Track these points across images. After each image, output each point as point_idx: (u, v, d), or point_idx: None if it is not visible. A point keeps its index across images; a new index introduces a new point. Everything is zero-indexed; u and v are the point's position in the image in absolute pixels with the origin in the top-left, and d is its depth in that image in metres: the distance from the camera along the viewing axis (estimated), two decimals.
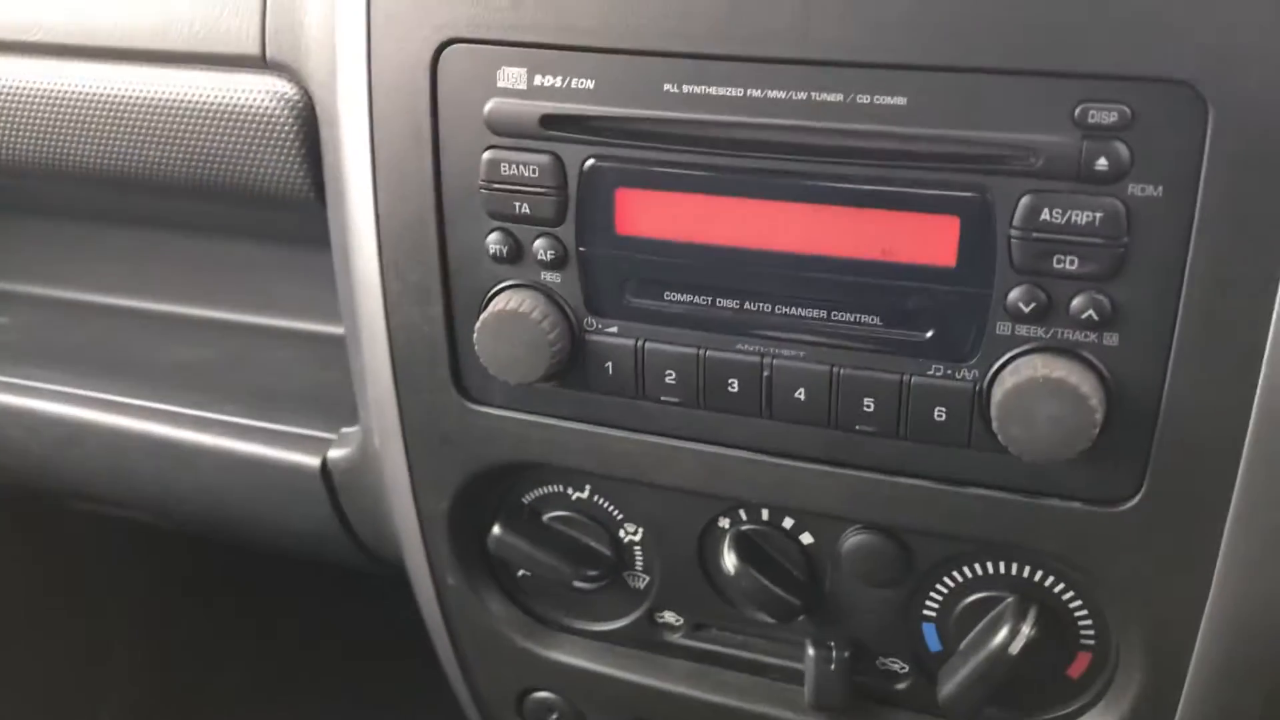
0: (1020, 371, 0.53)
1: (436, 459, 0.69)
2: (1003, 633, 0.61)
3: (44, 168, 0.84)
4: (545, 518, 0.71)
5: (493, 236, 0.61)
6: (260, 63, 0.74)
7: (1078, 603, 0.61)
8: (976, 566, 0.62)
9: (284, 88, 0.73)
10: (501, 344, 0.61)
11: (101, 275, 1.08)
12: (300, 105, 0.73)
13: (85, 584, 1.52)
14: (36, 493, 1.03)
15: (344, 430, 0.85)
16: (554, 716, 0.75)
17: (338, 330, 0.99)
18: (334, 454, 0.84)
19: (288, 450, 0.86)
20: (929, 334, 0.55)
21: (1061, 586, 0.61)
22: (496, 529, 0.70)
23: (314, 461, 0.85)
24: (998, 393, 0.54)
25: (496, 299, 0.61)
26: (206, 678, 1.64)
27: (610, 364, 0.62)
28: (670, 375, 0.61)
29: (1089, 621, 0.62)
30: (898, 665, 0.67)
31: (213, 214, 0.99)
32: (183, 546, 1.51)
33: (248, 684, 1.66)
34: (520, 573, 0.73)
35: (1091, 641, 0.62)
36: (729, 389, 0.60)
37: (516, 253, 0.61)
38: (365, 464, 0.82)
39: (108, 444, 0.91)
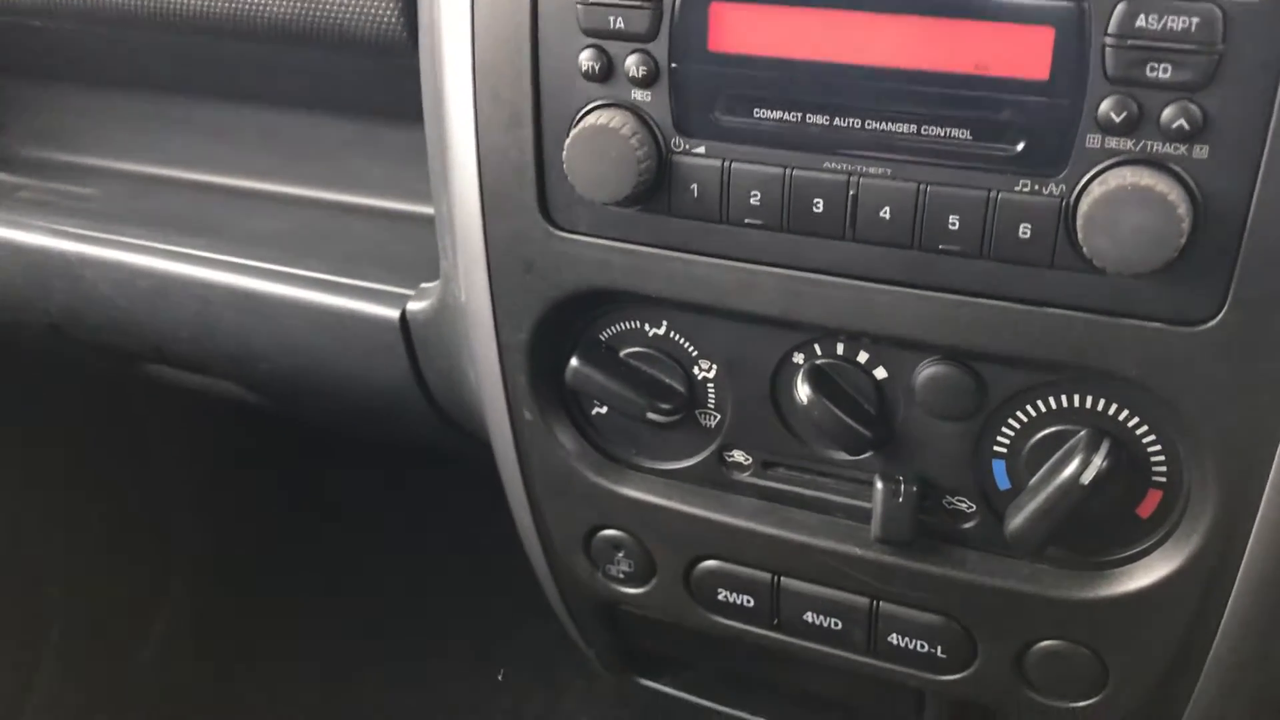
0: (1108, 182, 0.54)
1: (519, 287, 0.70)
2: (1074, 464, 0.62)
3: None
4: (621, 354, 0.72)
5: (585, 53, 0.62)
6: None
7: (1151, 437, 0.62)
8: (1050, 399, 0.63)
9: None
10: (590, 160, 0.62)
11: (181, 150, 1.11)
12: None
13: (152, 459, 1.57)
14: (121, 351, 1.06)
15: (423, 285, 0.87)
16: (620, 554, 0.77)
17: (416, 208, 1.02)
18: (413, 307, 0.86)
19: (368, 303, 0.88)
20: (1019, 147, 0.56)
21: (1136, 420, 0.62)
22: (574, 361, 0.72)
23: (393, 314, 0.87)
24: (1085, 204, 0.54)
25: (587, 117, 0.63)
26: (268, 555, 1.68)
27: (695, 185, 0.63)
28: (755, 196, 0.62)
29: (1161, 457, 0.62)
30: (965, 504, 0.68)
31: (293, 80, 1.02)
32: (250, 429, 1.55)
33: (306, 562, 1.70)
34: (594, 411, 0.75)
35: (1163, 479, 0.63)
36: (814, 209, 0.61)
37: (608, 70, 0.62)
38: (444, 317, 0.84)
39: (194, 296, 0.94)
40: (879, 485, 0.67)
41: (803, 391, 0.66)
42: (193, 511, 1.66)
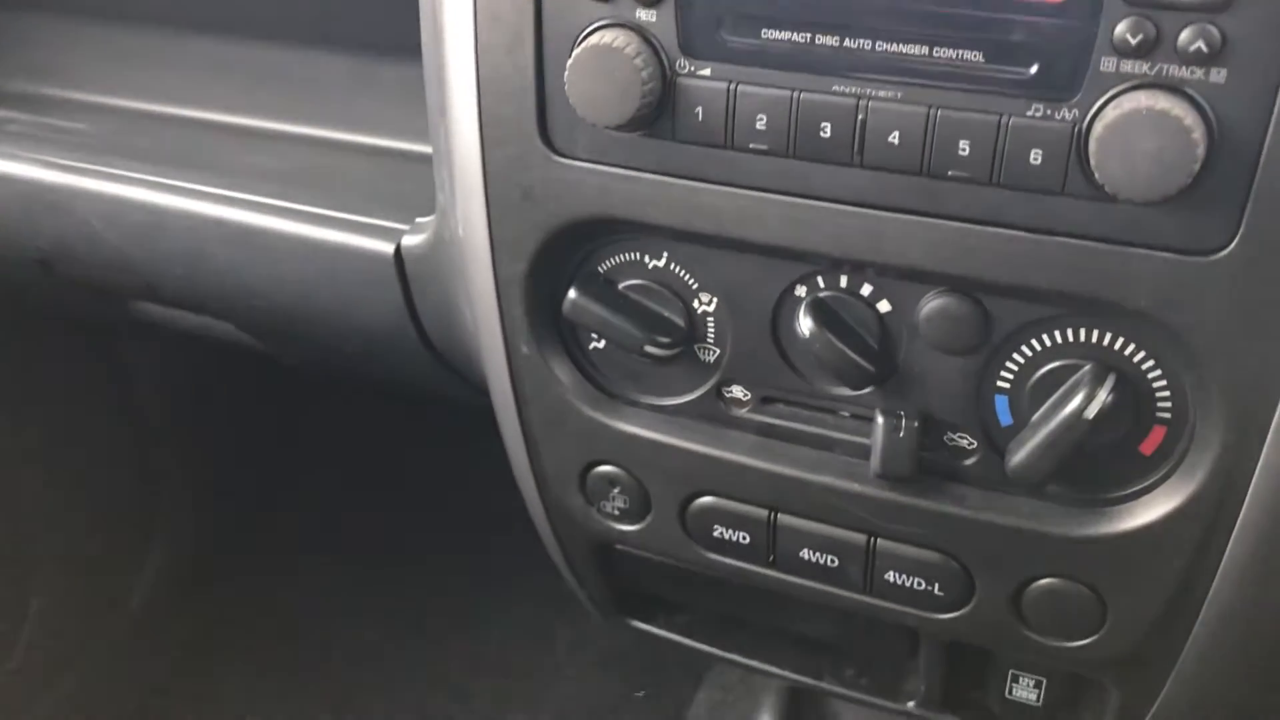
0: (1123, 106, 0.53)
1: (517, 217, 0.69)
2: (1078, 398, 0.61)
3: None
4: (620, 286, 0.71)
5: None
6: None
7: (1156, 372, 0.61)
8: (1055, 333, 0.62)
9: None
10: (593, 82, 0.61)
11: (174, 86, 1.09)
12: None
13: (141, 407, 1.56)
14: (112, 288, 1.04)
15: (419, 219, 0.86)
16: (615, 491, 0.76)
17: (411, 146, 1.01)
18: (408, 241, 0.85)
19: (362, 237, 0.87)
20: (1032, 70, 0.55)
21: (1141, 355, 0.61)
22: (572, 293, 0.71)
23: (388, 249, 0.86)
24: (1098, 128, 0.53)
25: (590, 38, 0.61)
26: (262, 501, 1.68)
27: (700, 109, 0.61)
28: (761, 120, 0.60)
29: (1166, 393, 0.61)
30: (965, 440, 0.67)
31: (289, 14, 1.00)
32: (241, 372, 1.54)
33: (299, 507, 1.70)
34: (591, 345, 0.74)
35: (1167, 415, 0.62)
36: (821, 134, 0.60)
37: None
38: (439, 252, 0.83)
39: (187, 230, 0.93)
40: (880, 420, 0.66)
41: (805, 324, 0.65)
42: (181, 457, 1.65)
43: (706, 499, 0.74)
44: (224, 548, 1.72)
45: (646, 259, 0.70)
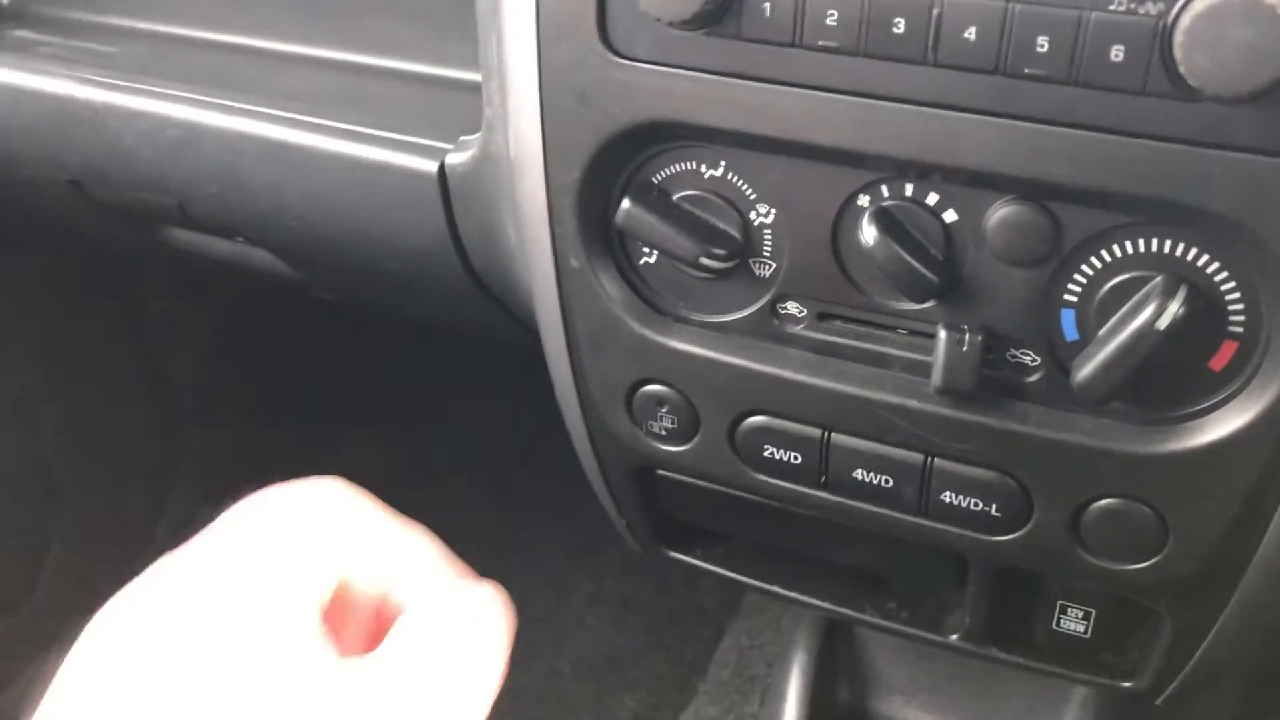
0: None
1: (572, 122, 0.68)
2: (1149, 310, 0.59)
3: None
4: (675, 197, 0.70)
5: None
6: None
7: (1231, 284, 0.59)
8: (1126, 244, 0.60)
9: None
10: None
11: (207, 10, 1.07)
12: None
13: (161, 354, 1.55)
14: (143, 210, 1.03)
15: (463, 138, 0.84)
16: (664, 410, 0.75)
17: (450, 73, 0.99)
18: (452, 159, 0.84)
19: (405, 154, 0.85)
20: None
21: (1215, 266, 0.59)
22: (626, 203, 0.69)
23: (431, 167, 0.84)
24: (1185, 19, 0.51)
25: None
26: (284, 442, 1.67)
27: (768, 4, 0.59)
28: (832, 15, 0.59)
29: (1240, 306, 0.60)
30: (1029, 357, 0.66)
31: None
32: (269, 311, 1.53)
33: (326, 446, 1.69)
34: (642, 261, 0.73)
35: (1239, 329, 0.60)
36: (894, 29, 0.58)
37: None
38: (484, 169, 0.81)
39: (223, 147, 0.91)
40: (942, 334, 0.64)
41: (868, 234, 0.64)
42: (201, 406, 1.64)
43: (758, 418, 0.73)
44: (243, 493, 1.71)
45: (703, 168, 0.68)
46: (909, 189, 0.64)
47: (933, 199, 0.63)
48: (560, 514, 1.70)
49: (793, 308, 0.70)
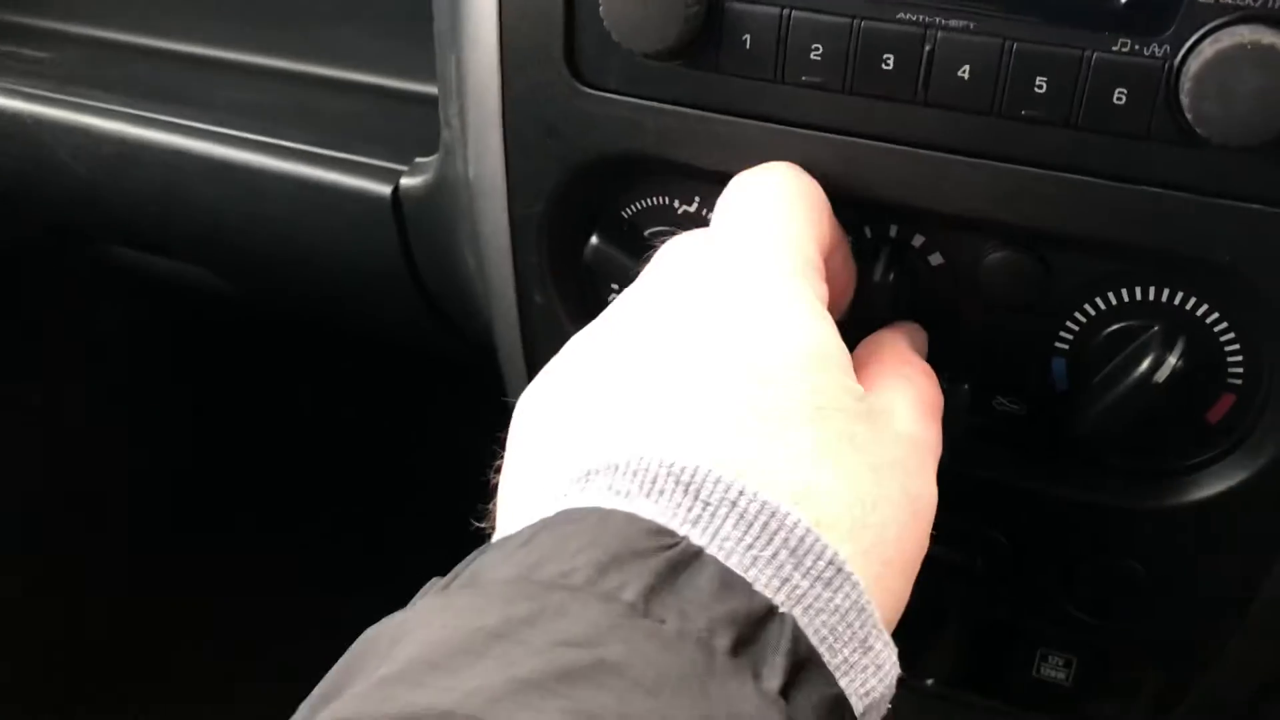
0: (1222, 41, 0.48)
1: (538, 154, 0.64)
2: (1146, 362, 0.57)
3: None
4: (646, 233, 0.66)
5: None
6: None
7: (1230, 335, 0.57)
8: (1122, 292, 0.58)
9: None
10: (630, 2, 0.55)
11: (148, 15, 1.02)
12: None
13: (100, 356, 1.48)
14: (78, 228, 0.98)
15: (419, 160, 0.80)
16: None
17: (405, 85, 0.94)
18: (407, 182, 0.79)
19: (357, 178, 0.81)
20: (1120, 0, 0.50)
21: (1215, 316, 0.57)
22: (594, 239, 0.65)
23: (385, 190, 0.80)
24: (1193, 65, 0.48)
25: None
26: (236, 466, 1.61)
27: (748, 36, 0.56)
28: (816, 50, 0.55)
29: (1240, 357, 0.57)
30: (1017, 406, 0.63)
31: None
32: (211, 327, 1.47)
33: (278, 472, 1.64)
34: (610, 296, 0.69)
35: (1239, 381, 0.58)
36: (883, 66, 0.54)
37: None
38: (441, 194, 0.77)
39: (163, 165, 0.86)
40: None
41: None
42: (140, 422, 1.58)
43: None
44: (188, 517, 1.65)
45: (676, 203, 0.65)
46: (894, 230, 0.61)
47: (918, 241, 0.60)
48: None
49: None
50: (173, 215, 0.89)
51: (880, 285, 0.59)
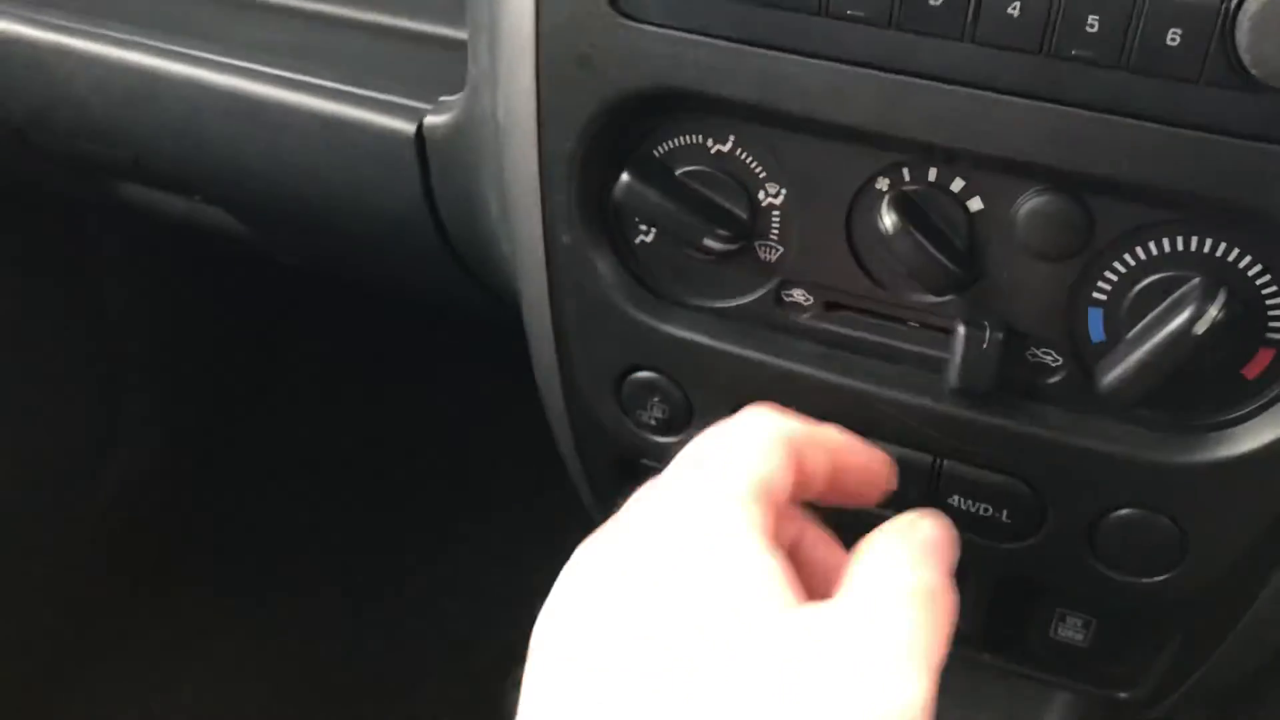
0: None
1: (571, 87, 0.62)
2: (1185, 313, 0.56)
3: None
4: (677, 172, 0.65)
5: None
6: None
7: (1273, 288, 0.56)
8: (1164, 241, 0.57)
9: None
10: None
11: None
12: None
13: (105, 314, 1.47)
14: (93, 162, 0.96)
15: (444, 98, 0.78)
16: (655, 399, 0.70)
17: (426, 27, 0.93)
18: (431, 120, 0.78)
19: (380, 114, 0.80)
20: None
21: (1259, 268, 0.56)
22: (625, 177, 0.64)
23: (409, 128, 0.79)
24: (1251, 4, 0.47)
25: None
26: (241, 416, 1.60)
27: None
28: None
29: None
30: (1051, 358, 0.62)
31: None
32: (224, 271, 1.46)
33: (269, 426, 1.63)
34: (639, 239, 0.68)
35: (1278, 336, 0.57)
36: (930, 1, 0.53)
37: None
38: (466, 133, 0.76)
39: (182, 99, 0.85)
40: (961, 330, 0.60)
41: (888, 220, 0.59)
42: (146, 361, 1.57)
43: None
44: (188, 460, 1.64)
45: (710, 143, 0.63)
46: (933, 174, 0.59)
47: (958, 185, 0.59)
48: (515, 491, 1.66)
49: (799, 296, 0.66)
50: (190, 150, 0.87)
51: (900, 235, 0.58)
